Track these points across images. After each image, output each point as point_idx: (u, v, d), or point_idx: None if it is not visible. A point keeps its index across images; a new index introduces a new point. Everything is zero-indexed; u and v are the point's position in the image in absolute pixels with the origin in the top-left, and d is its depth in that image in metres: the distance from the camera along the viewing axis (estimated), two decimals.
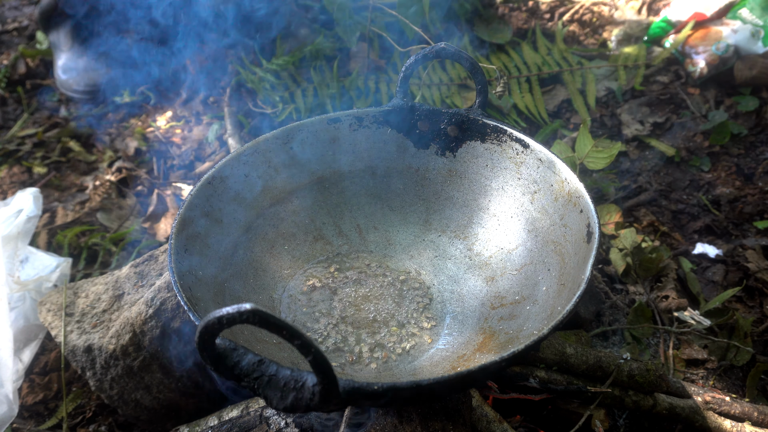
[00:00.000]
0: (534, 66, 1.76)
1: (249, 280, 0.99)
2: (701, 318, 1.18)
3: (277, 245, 1.05)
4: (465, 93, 1.69)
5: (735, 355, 1.15)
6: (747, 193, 1.48)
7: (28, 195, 1.34)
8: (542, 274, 0.94)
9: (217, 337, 0.62)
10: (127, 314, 1.03)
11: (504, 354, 0.70)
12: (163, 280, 1.04)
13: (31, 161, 1.71)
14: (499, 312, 0.95)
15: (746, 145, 1.59)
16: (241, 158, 1.01)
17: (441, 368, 0.88)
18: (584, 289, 0.78)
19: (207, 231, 0.94)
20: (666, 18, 1.83)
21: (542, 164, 0.98)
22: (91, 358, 1.04)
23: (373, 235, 1.10)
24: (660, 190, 1.50)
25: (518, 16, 2.04)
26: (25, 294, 1.20)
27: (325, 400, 0.63)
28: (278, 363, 0.65)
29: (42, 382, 1.18)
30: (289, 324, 0.58)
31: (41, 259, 1.28)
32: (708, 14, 1.77)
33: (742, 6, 1.77)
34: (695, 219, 1.44)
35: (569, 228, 0.92)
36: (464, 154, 1.07)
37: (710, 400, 1.02)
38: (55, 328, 1.09)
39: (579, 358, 1.02)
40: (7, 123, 1.85)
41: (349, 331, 0.96)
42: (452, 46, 0.96)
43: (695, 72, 1.71)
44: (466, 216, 1.08)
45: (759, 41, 1.71)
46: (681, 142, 1.60)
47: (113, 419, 1.11)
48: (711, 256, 1.34)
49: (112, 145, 1.75)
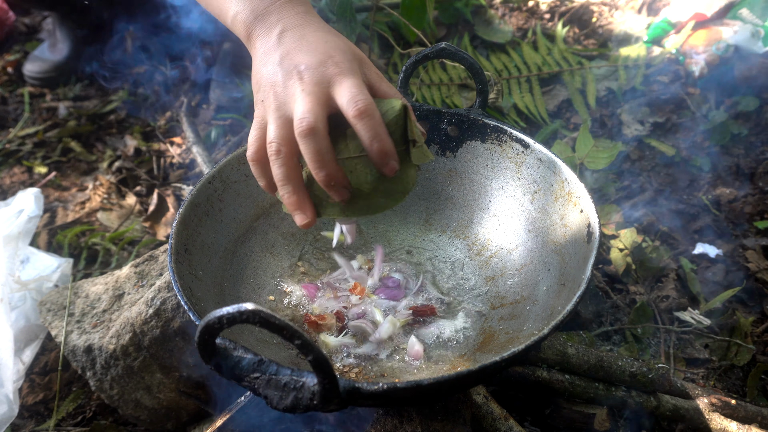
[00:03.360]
0: (534, 66, 1.76)
1: (249, 280, 0.99)
2: (701, 318, 1.18)
3: (278, 245, 1.05)
4: (465, 93, 1.69)
5: (735, 354, 1.15)
6: (747, 193, 1.48)
7: (29, 195, 1.34)
8: (542, 274, 0.94)
9: (218, 336, 0.62)
10: (127, 314, 1.03)
11: (504, 354, 0.70)
12: (163, 280, 1.04)
13: (32, 161, 1.71)
14: (499, 312, 0.95)
15: (746, 145, 1.59)
16: (241, 158, 1.01)
17: (441, 368, 0.88)
18: (584, 289, 0.78)
19: (207, 231, 0.94)
20: (666, 18, 1.83)
21: (542, 164, 0.98)
22: (91, 358, 1.04)
23: (373, 235, 1.10)
24: (660, 190, 1.50)
25: (518, 16, 2.04)
26: (25, 294, 1.20)
27: (325, 400, 0.63)
28: (278, 363, 0.65)
29: (42, 382, 1.18)
30: (290, 324, 0.58)
31: (42, 259, 1.28)
32: (708, 14, 1.77)
33: (742, 6, 1.77)
34: (695, 219, 1.44)
35: (569, 228, 0.92)
36: (464, 154, 1.07)
37: (716, 402, 1.01)
38: (55, 328, 1.10)
39: (580, 358, 1.02)
40: (8, 123, 1.85)
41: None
42: (452, 46, 0.96)
43: (695, 72, 1.71)
44: (466, 216, 1.08)
45: (759, 41, 1.71)
46: (681, 142, 1.60)
47: (113, 419, 1.11)
48: (711, 256, 1.34)
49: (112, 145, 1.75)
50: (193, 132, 1.64)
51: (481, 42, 1.88)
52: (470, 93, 1.68)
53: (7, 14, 2.14)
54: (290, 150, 0.73)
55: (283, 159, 0.73)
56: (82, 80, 1.96)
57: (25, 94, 1.94)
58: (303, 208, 0.76)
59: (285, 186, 0.74)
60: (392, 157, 0.73)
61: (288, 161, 0.73)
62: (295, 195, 0.75)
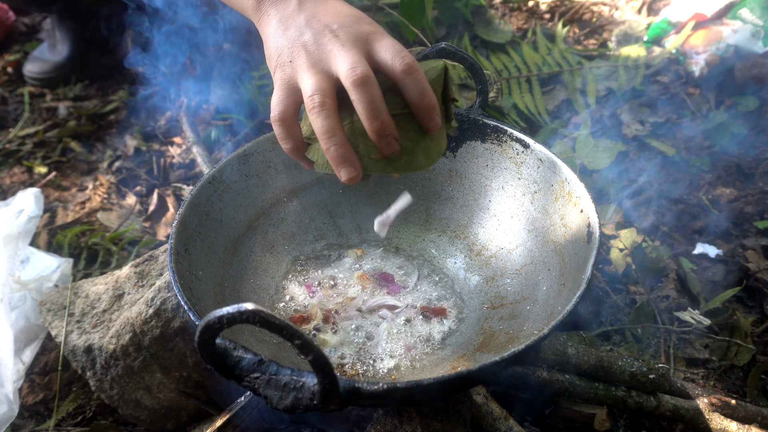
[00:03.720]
0: (534, 66, 1.76)
1: (249, 280, 0.99)
2: (701, 318, 1.18)
3: (278, 245, 1.05)
4: (465, 93, 1.69)
5: (735, 354, 1.15)
6: (747, 193, 1.48)
7: (29, 195, 1.34)
8: (542, 274, 0.94)
9: (218, 336, 0.62)
10: (127, 314, 1.03)
11: (504, 354, 0.70)
12: (163, 280, 1.04)
13: (32, 161, 1.71)
14: (499, 312, 0.95)
15: (746, 145, 1.59)
16: (241, 158, 1.01)
17: (441, 368, 0.88)
18: (585, 289, 0.78)
19: (207, 231, 0.94)
20: (666, 18, 1.83)
21: (542, 164, 0.98)
22: (91, 358, 1.04)
23: (373, 235, 1.10)
24: (660, 190, 1.50)
25: (518, 16, 2.04)
26: (25, 294, 1.20)
27: (325, 400, 0.63)
28: (278, 363, 0.65)
29: (42, 382, 1.18)
30: (290, 324, 0.58)
31: (42, 259, 1.28)
32: (708, 14, 1.77)
33: (742, 6, 1.77)
34: (695, 219, 1.44)
35: (569, 228, 0.92)
36: (464, 154, 1.07)
37: (716, 402, 1.01)
38: (55, 328, 1.09)
39: (580, 358, 1.02)
40: (8, 123, 1.85)
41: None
42: (452, 46, 0.96)
43: (695, 72, 1.71)
44: (466, 216, 1.08)
45: (759, 41, 1.71)
46: (681, 142, 1.60)
47: (113, 419, 1.11)
48: (711, 256, 1.34)
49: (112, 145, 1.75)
50: (193, 132, 1.64)
51: (481, 42, 1.88)
52: (470, 93, 1.68)
53: (7, 14, 2.14)
54: (334, 102, 0.72)
55: (328, 110, 0.72)
56: (82, 80, 1.96)
57: (25, 94, 1.94)
58: (351, 160, 0.73)
59: (332, 138, 0.72)
60: (438, 113, 0.74)
61: (333, 113, 0.72)
62: (343, 147, 0.73)
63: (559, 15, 2.03)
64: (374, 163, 0.76)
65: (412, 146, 0.76)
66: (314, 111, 0.72)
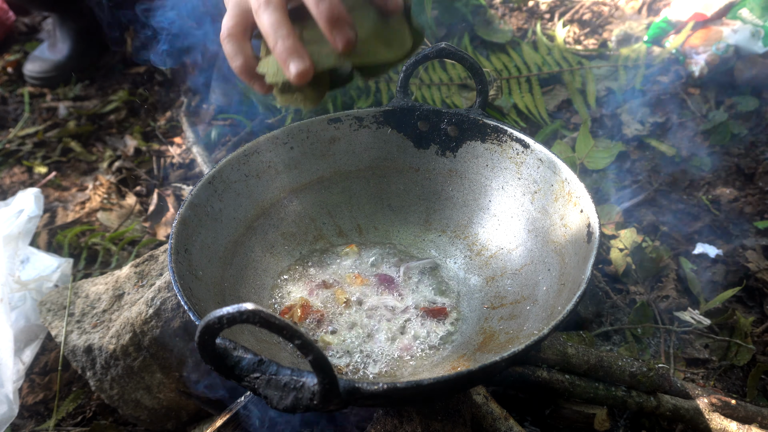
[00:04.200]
0: (534, 66, 1.76)
1: (249, 280, 0.99)
2: (701, 318, 1.18)
3: (278, 245, 1.05)
4: (465, 93, 1.69)
5: (736, 354, 1.15)
6: (747, 193, 1.48)
7: (29, 195, 1.34)
8: (542, 274, 0.94)
9: (218, 337, 0.62)
10: (127, 314, 1.03)
11: (504, 354, 0.70)
12: (163, 280, 1.04)
13: (32, 161, 1.71)
14: (499, 312, 0.95)
15: (746, 145, 1.59)
16: (241, 158, 1.01)
17: (441, 368, 0.88)
18: (585, 289, 0.77)
19: (207, 231, 0.94)
20: (666, 18, 1.83)
21: (542, 164, 0.98)
22: (91, 358, 1.04)
23: (374, 235, 1.10)
24: (660, 190, 1.50)
25: (518, 16, 2.04)
26: (26, 294, 1.20)
27: (325, 400, 0.63)
28: (278, 363, 0.65)
29: (42, 382, 1.18)
30: (290, 324, 0.58)
31: (42, 259, 1.28)
32: (708, 14, 1.77)
33: (742, 6, 1.77)
34: (695, 219, 1.44)
35: (569, 228, 0.92)
36: (464, 154, 1.07)
37: (716, 402, 1.01)
38: (55, 328, 1.10)
39: (580, 358, 1.02)
40: (8, 123, 1.85)
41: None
42: (453, 46, 0.96)
43: (695, 72, 1.71)
44: (466, 216, 1.08)
45: (759, 41, 1.71)
46: (681, 142, 1.60)
47: (113, 419, 1.11)
48: (711, 256, 1.34)
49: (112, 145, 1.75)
50: (193, 132, 1.64)
51: (481, 42, 1.88)
52: (470, 93, 1.68)
53: (7, 14, 2.14)
54: (282, 2, 0.69)
55: (274, 5, 0.69)
56: (83, 80, 1.96)
57: (25, 94, 1.94)
58: (299, 52, 0.69)
59: (278, 30, 0.69)
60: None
61: (279, 6, 0.69)
62: (290, 38, 0.69)
63: (559, 15, 2.03)
64: (326, 57, 0.70)
65: (370, 33, 0.71)
66: (260, 9, 0.70)
